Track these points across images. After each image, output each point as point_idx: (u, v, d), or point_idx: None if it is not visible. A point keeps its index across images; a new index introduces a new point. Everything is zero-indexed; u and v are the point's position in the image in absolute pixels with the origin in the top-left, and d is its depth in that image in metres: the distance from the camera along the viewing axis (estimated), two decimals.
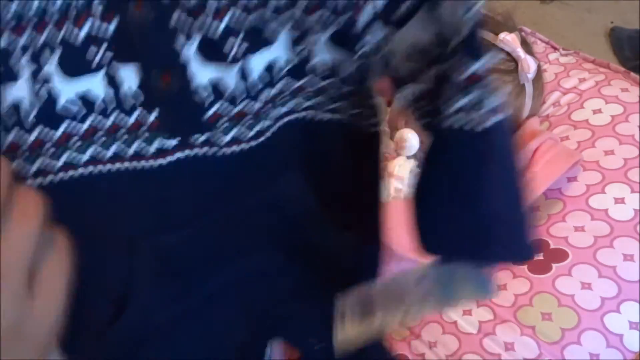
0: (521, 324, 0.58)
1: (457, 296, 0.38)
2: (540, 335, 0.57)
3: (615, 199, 0.65)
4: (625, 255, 0.60)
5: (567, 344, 0.56)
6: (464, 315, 0.61)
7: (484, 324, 0.60)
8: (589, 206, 0.65)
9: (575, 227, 0.64)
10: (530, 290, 0.60)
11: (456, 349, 0.58)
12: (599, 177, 0.67)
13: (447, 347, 0.59)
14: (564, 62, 0.84)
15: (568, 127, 0.75)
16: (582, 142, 0.72)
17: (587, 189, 0.67)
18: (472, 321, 0.60)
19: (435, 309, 0.39)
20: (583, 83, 0.79)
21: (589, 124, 0.73)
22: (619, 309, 0.57)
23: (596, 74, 0.80)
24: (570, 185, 0.68)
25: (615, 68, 0.81)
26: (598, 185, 0.66)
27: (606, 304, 0.58)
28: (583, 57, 0.85)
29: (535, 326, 0.57)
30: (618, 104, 0.73)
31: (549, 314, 0.58)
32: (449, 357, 0.58)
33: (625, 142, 0.69)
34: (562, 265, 0.61)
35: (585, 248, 0.62)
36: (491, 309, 0.61)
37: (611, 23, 1.23)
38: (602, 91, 0.76)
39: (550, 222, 0.66)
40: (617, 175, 0.67)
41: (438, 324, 0.62)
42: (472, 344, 0.58)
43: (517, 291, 0.61)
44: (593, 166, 0.68)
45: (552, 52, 0.87)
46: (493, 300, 0.61)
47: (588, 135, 0.72)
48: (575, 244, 0.63)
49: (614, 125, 0.71)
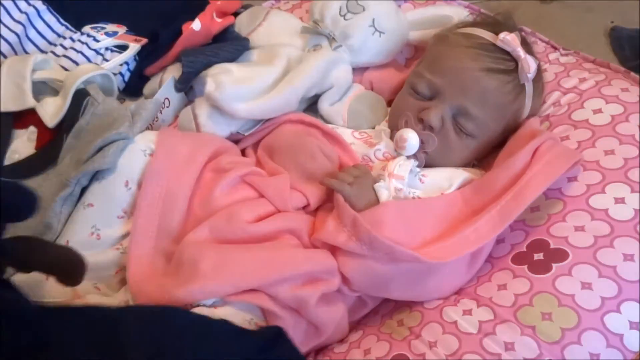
0: (521, 324, 0.58)
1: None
2: (540, 335, 0.57)
3: (615, 199, 0.65)
4: (626, 255, 0.60)
5: (567, 344, 0.56)
6: (464, 315, 0.61)
7: (484, 324, 0.59)
8: (589, 206, 0.65)
9: (575, 227, 0.64)
10: (530, 290, 0.60)
11: (456, 349, 0.58)
12: (599, 177, 0.67)
13: (447, 347, 0.59)
14: (564, 62, 0.84)
15: (568, 127, 0.75)
16: (582, 142, 0.72)
17: (587, 189, 0.67)
18: (472, 321, 0.60)
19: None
20: (583, 83, 0.79)
21: (589, 124, 0.73)
22: (619, 309, 0.57)
23: (596, 74, 0.80)
24: (570, 185, 0.68)
25: (615, 68, 0.81)
26: (598, 185, 0.66)
27: (606, 303, 0.58)
28: (583, 57, 0.85)
29: (536, 326, 0.57)
30: (618, 104, 0.73)
31: (549, 314, 0.58)
32: (449, 357, 0.58)
33: (625, 142, 0.69)
34: (562, 265, 0.61)
35: (585, 248, 0.62)
36: (491, 309, 0.61)
37: (611, 23, 1.22)
38: (602, 91, 0.76)
39: (550, 222, 0.66)
40: (617, 175, 0.66)
41: (438, 324, 0.62)
42: (472, 344, 0.58)
43: (517, 291, 0.61)
44: (593, 166, 0.68)
45: (552, 51, 0.87)
46: (493, 300, 0.61)
47: (588, 135, 0.72)
48: (576, 243, 0.63)
49: (614, 125, 0.71)
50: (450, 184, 0.71)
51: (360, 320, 0.71)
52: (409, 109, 0.74)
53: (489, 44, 0.73)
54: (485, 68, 0.72)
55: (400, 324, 0.65)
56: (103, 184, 0.68)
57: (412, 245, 0.63)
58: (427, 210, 0.67)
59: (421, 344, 0.61)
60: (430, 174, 0.73)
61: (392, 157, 0.73)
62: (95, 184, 0.69)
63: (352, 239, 0.62)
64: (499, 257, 0.66)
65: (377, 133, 0.79)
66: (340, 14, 0.82)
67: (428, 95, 0.74)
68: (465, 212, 0.67)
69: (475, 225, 0.64)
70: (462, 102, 0.72)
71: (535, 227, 0.67)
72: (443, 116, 0.72)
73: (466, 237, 0.63)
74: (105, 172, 0.68)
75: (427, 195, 0.70)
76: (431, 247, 0.63)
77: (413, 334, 0.63)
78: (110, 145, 0.68)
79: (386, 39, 0.83)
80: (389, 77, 0.86)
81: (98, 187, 0.68)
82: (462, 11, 0.87)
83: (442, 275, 0.64)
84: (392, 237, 0.62)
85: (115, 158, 0.68)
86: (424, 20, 0.86)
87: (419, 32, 0.86)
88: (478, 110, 0.72)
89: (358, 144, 0.77)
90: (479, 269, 0.66)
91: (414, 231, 0.65)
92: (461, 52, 0.73)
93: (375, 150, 0.75)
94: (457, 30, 0.78)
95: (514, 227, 0.68)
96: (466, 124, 0.72)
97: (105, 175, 0.68)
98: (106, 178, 0.68)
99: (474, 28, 0.76)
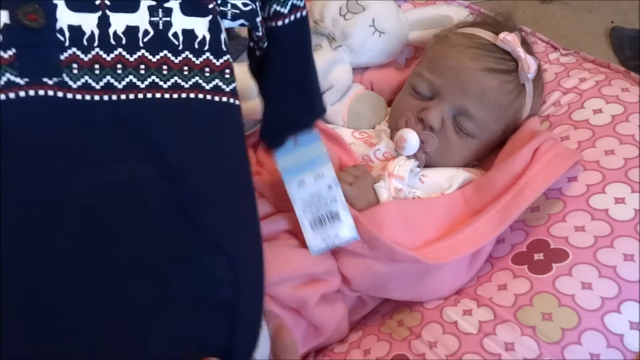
0: (521, 324, 0.58)
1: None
2: (540, 335, 0.57)
3: (615, 199, 0.65)
4: (626, 255, 0.60)
5: (568, 344, 0.56)
6: (464, 315, 0.61)
7: (484, 324, 0.60)
8: (589, 206, 0.65)
9: (575, 227, 0.64)
10: (530, 290, 0.60)
11: (456, 349, 0.58)
12: (599, 177, 0.67)
13: (447, 347, 0.59)
14: (564, 62, 0.84)
15: (568, 127, 0.75)
16: (582, 142, 0.72)
17: (587, 189, 0.67)
18: (472, 321, 0.60)
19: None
20: (583, 83, 0.79)
21: (589, 124, 0.73)
22: (619, 309, 0.57)
23: (596, 74, 0.80)
24: (570, 185, 0.68)
25: (615, 68, 0.81)
26: (598, 185, 0.66)
27: (606, 304, 0.58)
28: (583, 57, 0.85)
29: (536, 326, 0.57)
30: (618, 104, 0.73)
31: (549, 314, 0.58)
32: (449, 357, 0.58)
33: (625, 142, 0.69)
34: (562, 265, 0.61)
35: (585, 248, 0.62)
36: (491, 309, 0.61)
37: (611, 23, 1.23)
38: (602, 91, 0.76)
39: (550, 222, 0.66)
40: (618, 175, 0.66)
41: (438, 324, 0.62)
42: (472, 344, 0.58)
43: (517, 291, 0.61)
44: (593, 166, 0.68)
45: (552, 51, 0.87)
46: (493, 300, 0.61)
47: (588, 135, 0.72)
48: (576, 243, 0.63)
49: (615, 125, 0.71)
50: (451, 184, 0.71)
51: (360, 320, 0.71)
52: (409, 109, 0.74)
53: (489, 44, 0.73)
54: (485, 68, 0.72)
55: (400, 324, 0.65)
56: None
57: (413, 245, 0.63)
58: (428, 210, 0.67)
59: (421, 344, 0.61)
60: (430, 174, 0.73)
61: (392, 157, 0.73)
62: None
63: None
64: (499, 257, 0.66)
65: (377, 133, 0.79)
66: (340, 14, 0.82)
67: (428, 95, 0.74)
68: (465, 212, 0.67)
69: (475, 225, 0.64)
70: (462, 102, 0.72)
71: (535, 227, 0.67)
72: (443, 116, 0.72)
73: (466, 237, 0.63)
74: None
75: (428, 196, 0.71)
76: (431, 248, 0.63)
77: (413, 334, 0.63)
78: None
79: (386, 39, 0.83)
80: (389, 77, 0.86)
81: None
82: (462, 11, 0.87)
83: (442, 276, 0.64)
84: (392, 237, 0.62)
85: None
86: (424, 20, 0.86)
87: (419, 32, 0.86)
88: (478, 110, 0.72)
89: (358, 144, 0.77)
90: (479, 269, 0.66)
91: (414, 231, 0.65)
92: (461, 52, 0.73)
93: (375, 150, 0.75)
94: (457, 30, 0.78)
95: (514, 227, 0.68)
96: (466, 124, 0.72)
97: None
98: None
99: (474, 28, 0.77)
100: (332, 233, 0.59)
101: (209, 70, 0.44)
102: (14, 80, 0.39)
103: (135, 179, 0.40)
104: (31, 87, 0.39)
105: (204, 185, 0.42)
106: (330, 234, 0.59)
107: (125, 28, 0.41)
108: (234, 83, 0.45)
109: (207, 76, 0.43)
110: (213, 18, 0.44)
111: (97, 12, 0.41)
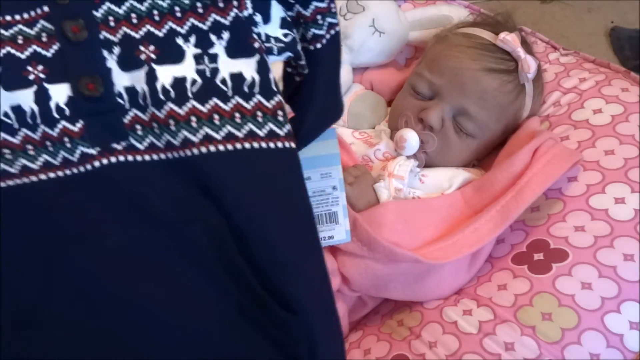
0: (521, 324, 0.58)
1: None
2: (540, 335, 0.57)
3: (615, 199, 0.65)
4: (626, 255, 0.60)
5: (567, 344, 0.56)
6: (464, 315, 0.61)
7: (484, 324, 0.60)
8: (589, 206, 0.65)
9: (575, 227, 0.64)
10: (530, 290, 0.60)
11: (456, 349, 0.58)
12: (599, 177, 0.67)
13: (447, 347, 0.59)
14: (564, 62, 0.84)
15: (568, 127, 0.75)
16: (582, 142, 0.72)
17: (587, 189, 0.67)
18: (472, 321, 0.60)
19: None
20: (583, 83, 0.79)
21: (589, 124, 0.73)
22: (619, 309, 0.57)
23: (596, 74, 0.80)
24: (570, 185, 0.68)
25: (615, 68, 0.81)
26: (598, 185, 0.66)
27: (606, 304, 0.58)
28: (583, 57, 0.85)
29: (535, 326, 0.57)
30: (618, 104, 0.73)
31: (549, 314, 0.58)
32: (449, 357, 0.58)
33: (625, 142, 0.69)
34: (562, 265, 0.61)
35: (585, 248, 0.62)
36: (491, 309, 0.61)
37: (611, 23, 1.22)
38: (602, 91, 0.76)
39: (550, 222, 0.66)
40: (618, 175, 0.66)
41: (438, 324, 0.62)
42: (472, 344, 0.58)
43: (517, 291, 0.61)
44: (593, 166, 0.68)
45: (552, 51, 0.87)
46: (493, 300, 0.61)
47: (588, 135, 0.72)
48: (576, 243, 0.63)
49: (614, 125, 0.71)
50: (451, 184, 0.71)
51: (360, 320, 0.71)
52: (409, 109, 0.74)
53: (489, 44, 0.73)
54: (485, 68, 0.72)
55: (400, 324, 0.65)
56: None
57: (412, 245, 0.63)
58: (428, 210, 0.67)
59: (421, 344, 0.61)
60: (430, 174, 0.73)
61: (392, 157, 0.73)
62: None
63: (352, 239, 0.62)
64: (499, 257, 0.66)
65: (377, 133, 0.79)
66: (340, 14, 0.82)
67: (428, 95, 0.74)
68: (465, 212, 0.67)
69: (475, 225, 0.64)
70: (462, 102, 0.72)
71: (535, 227, 0.67)
72: (443, 116, 0.72)
73: (466, 237, 0.63)
74: None
75: (428, 196, 0.71)
76: (431, 247, 0.63)
77: (413, 334, 0.63)
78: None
79: (386, 39, 0.83)
80: (389, 77, 0.87)
81: None
82: (462, 11, 0.87)
83: (442, 276, 0.64)
84: (392, 237, 0.62)
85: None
86: (424, 20, 0.86)
87: (418, 32, 0.86)
88: (478, 110, 0.72)
89: (358, 144, 0.77)
90: (479, 269, 0.66)
91: (414, 231, 0.65)
92: (461, 52, 0.73)
93: (375, 150, 0.75)
94: (457, 30, 0.78)
95: (514, 227, 0.68)
96: (466, 124, 0.72)
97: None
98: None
99: (474, 28, 0.77)
100: (327, 234, 0.59)
101: (262, 114, 0.42)
102: (87, 151, 0.39)
103: (212, 239, 0.40)
104: (103, 157, 0.40)
105: (277, 249, 0.41)
106: (325, 234, 0.59)
107: (172, 80, 0.40)
108: (287, 125, 0.43)
109: (260, 122, 0.42)
110: (260, 57, 0.42)
111: (144, 67, 0.40)
